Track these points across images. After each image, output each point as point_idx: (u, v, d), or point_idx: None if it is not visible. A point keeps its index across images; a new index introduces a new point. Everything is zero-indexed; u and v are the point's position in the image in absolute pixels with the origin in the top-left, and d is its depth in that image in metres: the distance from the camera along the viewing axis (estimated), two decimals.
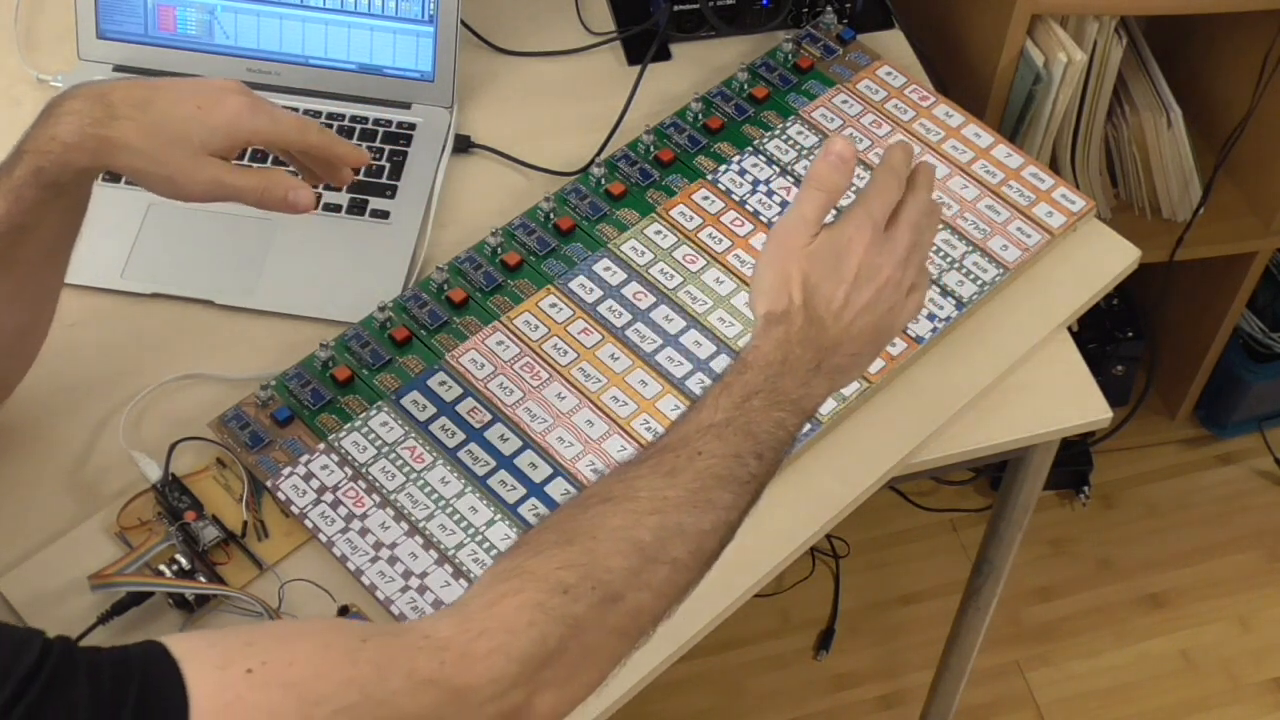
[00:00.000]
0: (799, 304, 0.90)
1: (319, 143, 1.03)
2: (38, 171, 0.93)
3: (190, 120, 0.97)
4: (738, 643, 1.96)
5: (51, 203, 0.95)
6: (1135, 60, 1.74)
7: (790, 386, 0.88)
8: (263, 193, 1.00)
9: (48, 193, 0.94)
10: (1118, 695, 1.95)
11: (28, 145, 0.94)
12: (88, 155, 0.94)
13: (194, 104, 0.97)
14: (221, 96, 0.99)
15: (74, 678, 0.68)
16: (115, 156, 0.95)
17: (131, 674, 0.69)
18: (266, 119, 1.00)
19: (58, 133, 0.93)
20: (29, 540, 1.04)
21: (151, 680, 0.69)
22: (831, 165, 0.91)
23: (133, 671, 0.69)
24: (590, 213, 1.22)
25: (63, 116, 0.94)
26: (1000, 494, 1.38)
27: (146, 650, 0.70)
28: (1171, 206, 1.83)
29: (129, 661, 0.70)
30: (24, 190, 0.93)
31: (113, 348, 1.12)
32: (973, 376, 1.16)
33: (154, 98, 0.96)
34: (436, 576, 1.02)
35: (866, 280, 0.91)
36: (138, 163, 0.96)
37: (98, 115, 0.94)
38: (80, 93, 0.96)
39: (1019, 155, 1.28)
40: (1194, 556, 2.08)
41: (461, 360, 1.13)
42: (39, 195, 0.94)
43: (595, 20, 1.44)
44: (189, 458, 1.08)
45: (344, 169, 1.07)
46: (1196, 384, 2.11)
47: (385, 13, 1.30)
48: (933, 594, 2.02)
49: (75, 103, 0.95)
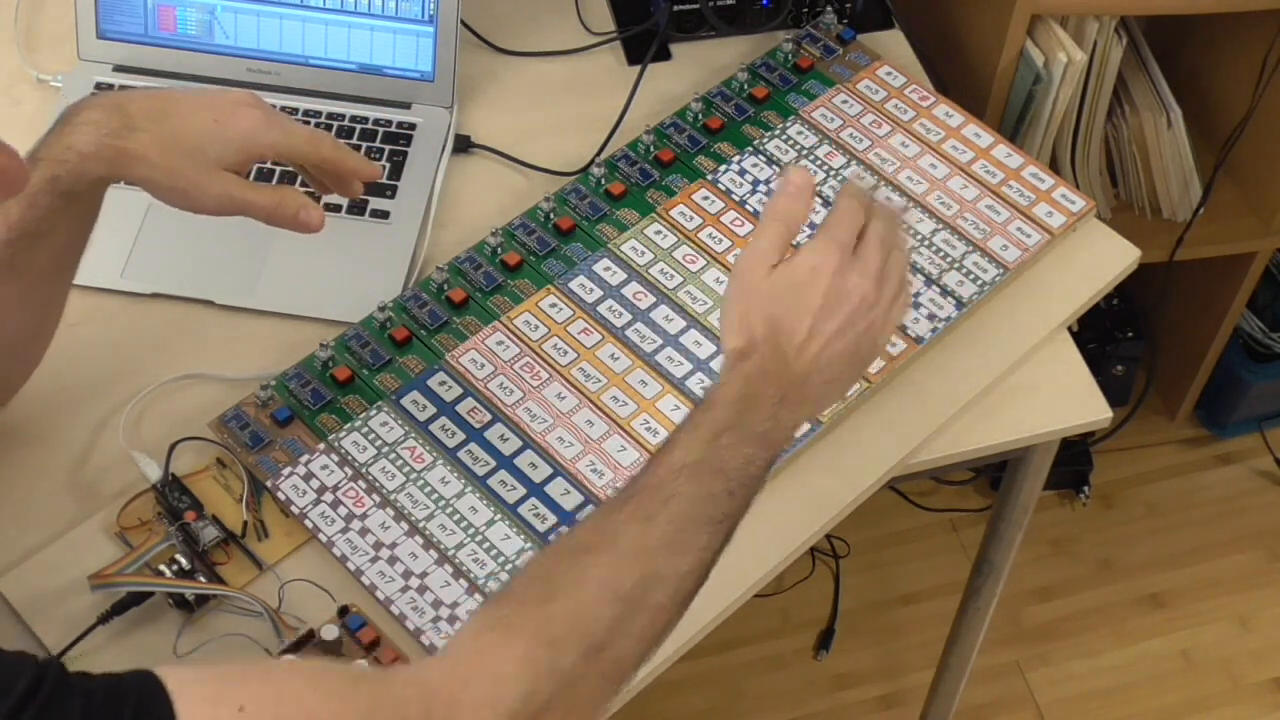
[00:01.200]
0: (761, 338, 0.90)
1: (332, 157, 1.04)
2: (53, 180, 0.94)
3: (206, 134, 0.97)
4: (738, 643, 1.95)
5: (65, 210, 0.96)
6: (1135, 60, 1.74)
7: (756, 421, 0.88)
8: (274, 209, 1.00)
9: (62, 200, 0.95)
10: (1118, 695, 1.95)
11: (43, 153, 0.95)
12: (104, 165, 0.95)
13: (210, 117, 0.98)
14: (237, 110, 0.99)
15: (69, 703, 0.68)
16: (131, 168, 0.95)
17: (125, 701, 0.69)
18: (280, 133, 1.00)
19: (74, 142, 0.94)
20: (29, 540, 1.04)
21: (145, 710, 0.69)
22: (790, 197, 0.91)
23: (126, 699, 0.69)
24: (590, 213, 1.22)
25: (80, 126, 0.94)
26: (1000, 494, 1.38)
27: (140, 680, 0.70)
28: (1171, 206, 1.83)
29: (122, 689, 0.69)
30: (39, 197, 0.94)
31: (113, 348, 1.12)
32: (973, 376, 1.16)
33: (171, 110, 0.97)
34: (436, 576, 1.02)
35: (836, 306, 0.91)
36: (152, 175, 0.96)
37: (115, 126, 0.94)
38: (98, 102, 0.96)
39: (1019, 155, 1.28)
40: (1194, 556, 2.08)
41: (461, 360, 1.13)
42: (53, 203, 0.94)
43: (595, 20, 1.44)
44: (189, 458, 1.08)
45: (355, 182, 1.07)
46: (1196, 384, 2.11)
47: (385, 13, 1.30)
48: (933, 594, 2.02)
49: (93, 113, 0.95)
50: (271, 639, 0.99)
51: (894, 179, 1.26)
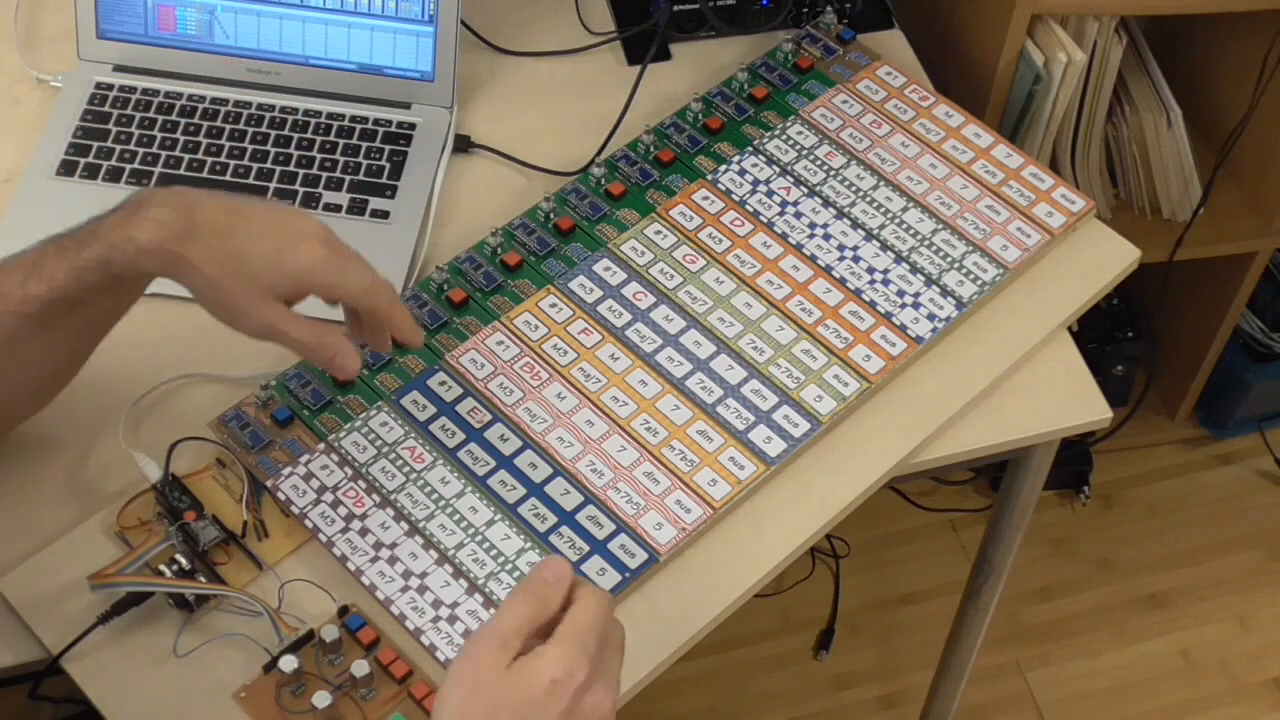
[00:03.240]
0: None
1: (385, 311, 1.00)
2: (106, 262, 0.94)
3: (266, 262, 0.95)
4: (738, 643, 1.96)
5: (109, 290, 0.96)
6: (1135, 60, 1.74)
7: None
8: (312, 349, 0.98)
9: (109, 281, 0.95)
10: (1118, 695, 1.95)
11: (104, 232, 0.94)
12: (158, 264, 0.94)
13: (274, 245, 0.95)
14: (302, 243, 0.96)
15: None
16: (183, 275, 0.95)
17: None
18: (339, 274, 0.97)
19: (136, 235, 0.93)
20: (29, 540, 1.04)
21: None
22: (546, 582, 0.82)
23: None
24: (590, 213, 1.22)
25: (145, 221, 0.93)
26: (1000, 494, 1.38)
27: None
28: (1171, 206, 1.83)
29: None
30: (87, 273, 0.94)
31: (113, 348, 1.12)
32: (973, 376, 1.16)
33: (238, 228, 0.95)
34: (436, 576, 1.02)
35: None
36: (203, 287, 0.95)
37: (179, 230, 0.93)
38: (170, 199, 0.95)
39: (1019, 155, 1.28)
40: (1194, 556, 2.08)
41: (461, 360, 1.13)
42: (100, 281, 0.95)
43: (595, 20, 1.44)
44: (189, 458, 1.08)
45: (388, 338, 1.04)
46: (1196, 384, 2.11)
47: (385, 13, 1.30)
48: (933, 594, 2.02)
49: (162, 211, 0.94)
50: (271, 639, 0.99)
51: (894, 179, 1.26)
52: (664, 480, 1.07)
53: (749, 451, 1.09)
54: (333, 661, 0.98)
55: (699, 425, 1.10)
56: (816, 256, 1.20)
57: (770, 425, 1.10)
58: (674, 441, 1.09)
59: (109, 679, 0.98)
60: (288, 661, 0.96)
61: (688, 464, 1.08)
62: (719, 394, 1.12)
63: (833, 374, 1.13)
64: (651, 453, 1.08)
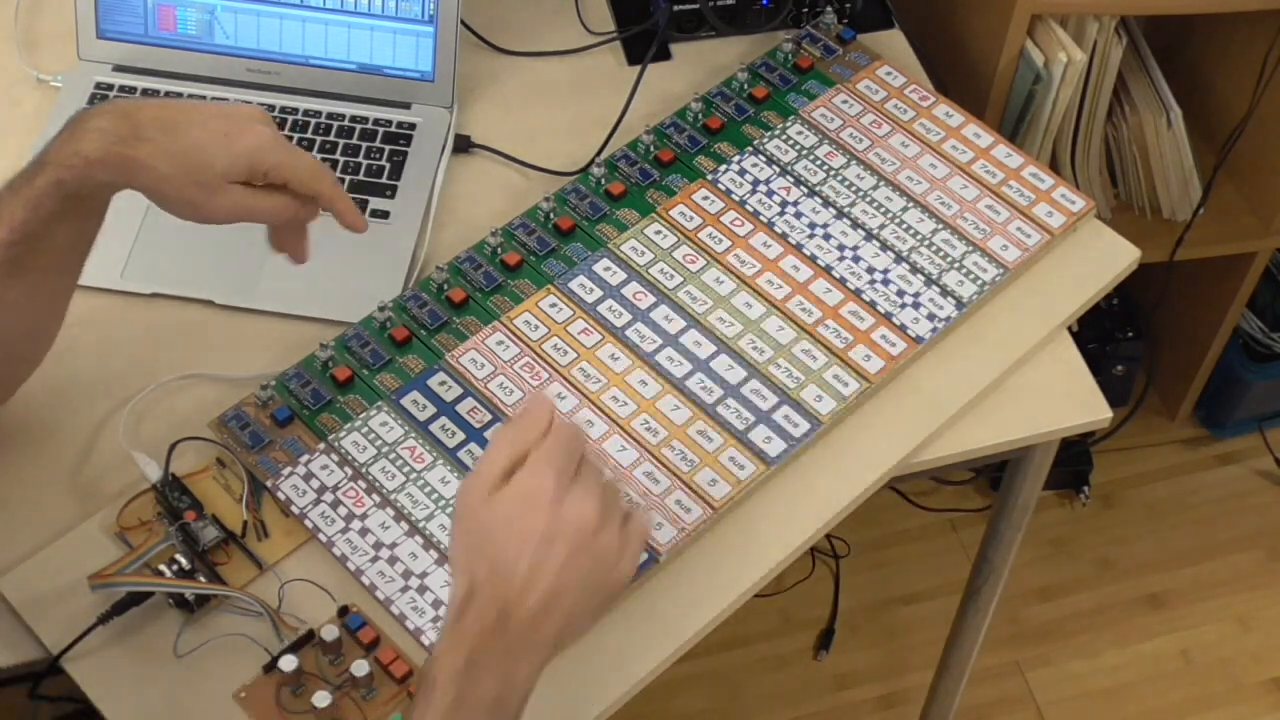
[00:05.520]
0: (482, 581, 0.84)
1: (327, 194, 1.03)
2: (58, 184, 0.94)
3: (215, 147, 0.96)
4: (738, 643, 1.96)
5: (69, 214, 0.96)
6: (1135, 60, 1.74)
7: (483, 691, 0.82)
8: (284, 210, 1.00)
9: (66, 204, 0.95)
10: (1118, 695, 1.95)
11: (50, 157, 0.94)
12: (110, 172, 0.94)
13: (220, 130, 0.97)
14: (247, 125, 0.98)
15: None
16: (137, 176, 0.95)
17: None
18: (287, 154, 1.00)
19: (81, 148, 0.93)
20: (29, 540, 1.04)
21: None
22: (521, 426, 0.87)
23: None
24: (590, 213, 1.22)
25: (88, 133, 0.94)
26: (1000, 494, 1.38)
27: None
28: (1171, 206, 1.83)
29: None
30: (43, 200, 0.94)
31: (113, 348, 1.12)
32: (973, 377, 1.16)
33: (180, 121, 0.96)
34: (436, 576, 1.02)
35: (555, 538, 0.84)
36: (159, 185, 0.96)
37: (123, 134, 0.94)
38: (108, 109, 0.96)
39: (1019, 155, 1.28)
40: (1194, 556, 2.08)
41: (461, 360, 1.13)
42: (57, 206, 0.94)
43: (595, 20, 1.44)
44: (189, 458, 1.08)
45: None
46: (1196, 384, 2.11)
47: (385, 13, 1.30)
48: (933, 594, 2.02)
49: (102, 120, 0.95)
50: (271, 639, 0.99)
51: (894, 179, 1.26)
52: (664, 480, 1.07)
53: (749, 451, 1.09)
54: (333, 661, 0.98)
55: (699, 425, 1.10)
56: (816, 256, 1.20)
57: (770, 425, 1.10)
58: (674, 441, 1.09)
59: (109, 679, 0.98)
60: (288, 661, 0.96)
61: (688, 464, 1.08)
62: (719, 394, 1.12)
63: (833, 374, 1.13)
64: (651, 453, 1.08)
